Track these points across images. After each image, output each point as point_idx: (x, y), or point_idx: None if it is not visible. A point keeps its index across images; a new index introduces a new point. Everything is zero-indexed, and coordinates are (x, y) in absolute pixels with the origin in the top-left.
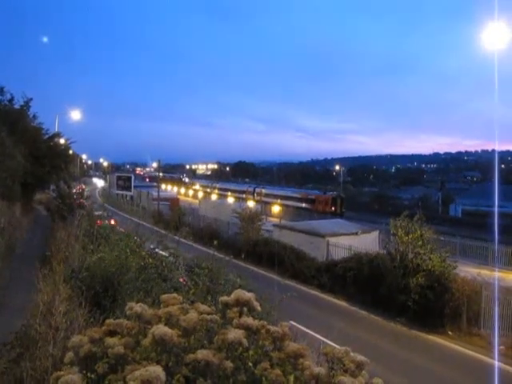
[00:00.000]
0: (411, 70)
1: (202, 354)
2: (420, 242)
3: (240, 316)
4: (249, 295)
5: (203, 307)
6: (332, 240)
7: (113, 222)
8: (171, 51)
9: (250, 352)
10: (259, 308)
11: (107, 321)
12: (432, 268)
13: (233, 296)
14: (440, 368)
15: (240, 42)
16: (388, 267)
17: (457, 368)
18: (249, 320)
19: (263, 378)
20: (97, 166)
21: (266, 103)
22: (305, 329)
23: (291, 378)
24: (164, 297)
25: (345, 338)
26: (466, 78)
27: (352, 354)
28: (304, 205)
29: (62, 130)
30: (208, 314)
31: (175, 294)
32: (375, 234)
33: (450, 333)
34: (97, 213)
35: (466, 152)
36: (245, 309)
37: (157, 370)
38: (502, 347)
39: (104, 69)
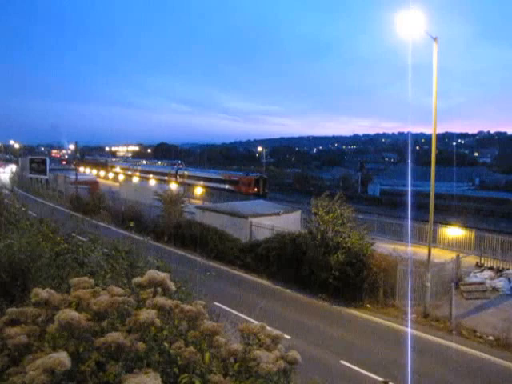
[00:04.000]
0: (333, 54)
1: (112, 337)
2: (340, 221)
3: (154, 296)
4: (163, 275)
5: (117, 289)
6: (255, 221)
7: None
8: (91, 30)
9: (165, 332)
10: (174, 288)
11: (8, 309)
12: (351, 245)
13: (146, 277)
14: (357, 338)
15: (164, 22)
16: (310, 246)
17: (373, 337)
18: (162, 300)
19: (178, 357)
20: (7, 149)
21: (190, 85)
22: (228, 309)
23: (207, 355)
24: (74, 280)
25: (268, 315)
26: (384, 63)
27: (268, 328)
28: (227, 186)
29: None
30: (120, 296)
31: (86, 278)
32: (297, 214)
33: (368, 306)
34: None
35: (384, 134)
36: (159, 289)
37: (61, 356)
38: (413, 315)
39: (14, 46)
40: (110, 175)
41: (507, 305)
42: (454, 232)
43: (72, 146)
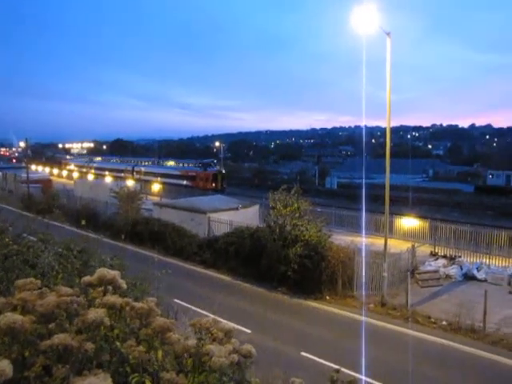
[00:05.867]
0: (290, 49)
1: (59, 339)
2: (297, 214)
3: (104, 295)
4: (113, 273)
5: (65, 289)
6: (213, 216)
7: None
8: (44, 24)
9: (116, 331)
10: (125, 286)
11: None
12: (309, 238)
13: (96, 275)
14: (317, 329)
15: (118, 16)
16: (268, 240)
17: (332, 328)
18: (112, 298)
19: (130, 356)
20: None
21: (146, 80)
22: (188, 305)
23: (159, 352)
24: (19, 282)
25: (229, 310)
26: (340, 58)
27: (222, 322)
28: (185, 182)
29: None
30: (69, 296)
31: (33, 279)
32: (255, 209)
33: (327, 297)
34: None
35: (341, 127)
36: (110, 288)
37: (1, 365)
38: (371, 305)
39: None
40: (64, 173)
41: (459, 291)
42: (409, 222)
43: (22, 144)
